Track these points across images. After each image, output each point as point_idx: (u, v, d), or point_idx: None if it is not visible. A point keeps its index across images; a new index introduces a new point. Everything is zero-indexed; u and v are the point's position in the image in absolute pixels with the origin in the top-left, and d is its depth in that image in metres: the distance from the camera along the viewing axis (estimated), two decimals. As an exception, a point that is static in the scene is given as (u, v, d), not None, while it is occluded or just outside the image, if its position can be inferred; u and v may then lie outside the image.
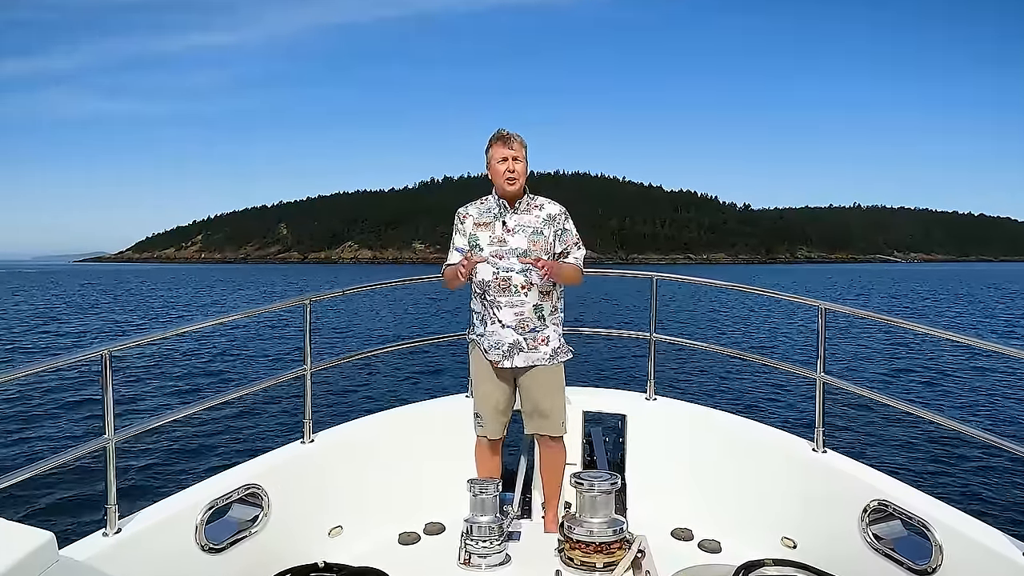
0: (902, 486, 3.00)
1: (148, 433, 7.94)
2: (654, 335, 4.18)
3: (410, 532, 3.59)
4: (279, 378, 3.66)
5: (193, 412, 3.24)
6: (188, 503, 2.84)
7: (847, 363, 16.01)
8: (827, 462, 3.30)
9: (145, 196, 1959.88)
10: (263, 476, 3.15)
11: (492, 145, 3.42)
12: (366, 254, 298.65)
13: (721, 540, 3.49)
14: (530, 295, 3.38)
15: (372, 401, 11.36)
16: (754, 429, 3.78)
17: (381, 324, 26.26)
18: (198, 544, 2.77)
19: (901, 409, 3.41)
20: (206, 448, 8.81)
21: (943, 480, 7.71)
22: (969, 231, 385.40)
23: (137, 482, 7.50)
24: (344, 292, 4.08)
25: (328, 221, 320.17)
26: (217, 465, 7.33)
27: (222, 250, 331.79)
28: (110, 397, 2.59)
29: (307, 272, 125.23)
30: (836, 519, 3.06)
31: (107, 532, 2.55)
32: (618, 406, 4.14)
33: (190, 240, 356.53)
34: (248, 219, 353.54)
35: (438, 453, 3.88)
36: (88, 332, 24.44)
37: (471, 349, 3.67)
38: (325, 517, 3.44)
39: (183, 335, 16.68)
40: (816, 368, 3.41)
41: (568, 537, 3.14)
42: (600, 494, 3.15)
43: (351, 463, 3.63)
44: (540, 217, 3.44)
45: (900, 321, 3.55)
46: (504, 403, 3.57)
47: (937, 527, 2.67)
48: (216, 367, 15.74)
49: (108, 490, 2.58)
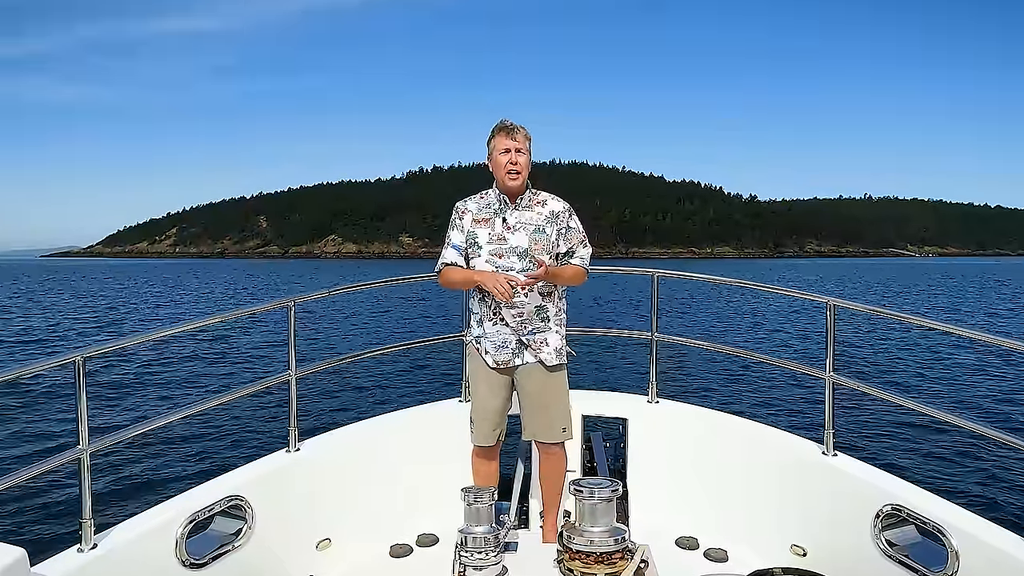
0: (916, 490, 3.03)
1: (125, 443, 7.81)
2: (656, 335, 4.20)
3: (402, 544, 3.60)
4: (263, 383, 3.67)
5: (172, 420, 3.24)
6: (167, 516, 2.84)
7: (858, 362, 16.08)
8: (838, 466, 3.32)
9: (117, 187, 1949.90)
10: (247, 487, 3.16)
11: (494, 136, 3.42)
12: (350, 248, 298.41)
13: (728, 548, 3.52)
14: (531, 296, 3.40)
15: (361, 407, 11.33)
16: (761, 432, 3.80)
17: (370, 325, 26.21)
18: (178, 559, 2.78)
19: (915, 410, 3.44)
20: (186, 458, 8.79)
21: (959, 484, 7.76)
22: (986, 224, 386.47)
23: (113, 495, 7.47)
24: (331, 292, 4.08)
25: (310, 213, 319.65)
26: (198, 476, 7.30)
27: (197, 244, 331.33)
28: (84, 405, 2.59)
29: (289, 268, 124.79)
30: (848, 525, 3.09)
31: (82, 548, 2.56)
32: (619, 409, 4.16)
33: (163, 233, 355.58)
34: (225, 211, 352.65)
35: (431, 461, 3.90)
36: (57, 334, 24.31)
37: (468, 351, 3.69)
38: (312, 530, 3.45)
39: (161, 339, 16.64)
40: (826, 367, 3.44)
41: (568, 547, 3.15)
42: (601, 502, 3.16)
43: (339, 472, 3.64)
44: (543, 214, 3.45)
45: (913, 318, 3.58)
46: (501, 407, 3.58)
47: (953, 533, 2.69)
48: (196, 373, 15.68)
49: (83, 503, 2.58)
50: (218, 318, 3.54)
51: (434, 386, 12.80)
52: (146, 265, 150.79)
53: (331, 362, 4.21)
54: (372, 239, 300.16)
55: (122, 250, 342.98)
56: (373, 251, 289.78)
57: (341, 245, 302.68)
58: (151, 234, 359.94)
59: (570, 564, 3.14)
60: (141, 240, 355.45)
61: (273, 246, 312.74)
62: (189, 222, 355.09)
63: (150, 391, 13.49)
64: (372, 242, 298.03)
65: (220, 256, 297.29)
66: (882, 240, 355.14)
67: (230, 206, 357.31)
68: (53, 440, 9.67)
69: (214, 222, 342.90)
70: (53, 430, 10.22)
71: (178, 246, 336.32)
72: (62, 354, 2.66)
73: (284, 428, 3.59)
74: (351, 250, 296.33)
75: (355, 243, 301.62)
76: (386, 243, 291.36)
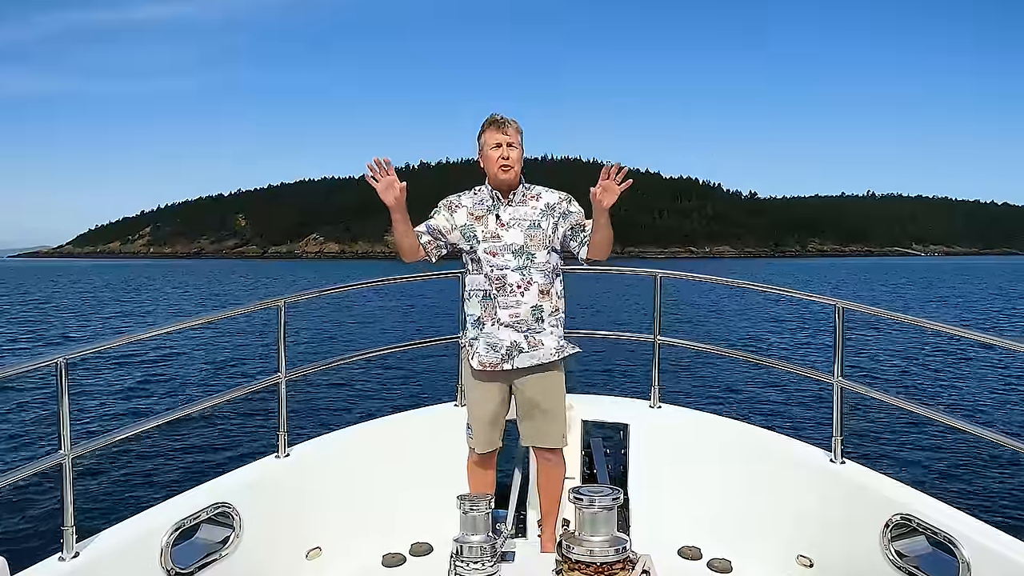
0: (927, 499, 3.06)
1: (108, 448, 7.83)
2: (658, 337, 4.22)
3: (395, 553, 3.62)
4: (251, 387, 3.69)
5: (157, 425, 3.26)
6: (152, 524, 2.85)
7: (867, 366, 16.17)
8: (846, 473, 3.35)
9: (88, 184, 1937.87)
10: (234, 494, 3.17)
11: (485, 130, 3.45)
12: (333, 248, 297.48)
13: (732, 559, 3.54)
14: (527, 295, 3.41)
15: (353, 411, 11.41)
16: (767, 438, 3.83)
17: (362, 327, 26.24)
18: (163, 569, 2.79)
19: (926, 416, 3.48)
20: (171, 464, 8.81)
21: (971, 492, 7.82)
22: (993, 222, 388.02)
23: (96, 501, 7.50)
24: (321, 292, 4.10)
25: (291, 211, 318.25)
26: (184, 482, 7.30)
27: (173, 244, 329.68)
28: (66, 409, 2.60)
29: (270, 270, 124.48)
30: (856, 535, 3.12)
31: (64, 556, 2.57)
32: (620, 415, 4.18)
33: (138, 233, 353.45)
34: (202, 209, 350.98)
35: (425, 467, 3.91)
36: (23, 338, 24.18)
37: (463, 354, 3.70)
38: (302, 538, 3.47)
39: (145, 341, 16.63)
40: (834, 372, 3.46)
41: (566, 557, 3.16)
42: (601, 510, 3.18)
43: (330, 479, 3.66)
44: (537, 208, 3.47)
45: (924, 321, 3.61)
46: (498, 412, 3.59)
47: (965, 543, 2.71)
48: (182, 375, 15.70)
49: (64, 510, 2.59)
50: (205, 319, 3.56)
51: (429, 390, 12.84)
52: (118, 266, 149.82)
53: (322, 364, 4.22)
54: (356, 238, 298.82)
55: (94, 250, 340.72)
56: (357, 251, 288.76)
57: (323, 244, 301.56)
58: (124, 233, 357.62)
59: (569, 575, 3.16)
60: (114, 240, 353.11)
61: (252, 245, 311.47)
62: (164, 221, 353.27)
63: (135, 394, 13.51)
64: (356, 241, 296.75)
65: (197, 256, 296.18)
66: (887, 238, 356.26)
67: (207, 204, 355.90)
68: (34, 444, 9.70)
69: (191, 220, 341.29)
70: (34, 434, 10.25)
71: (152, 246, 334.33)
72: (43, 356, 2.67)
73: (273, 433, 3.60)
74: (333, 249, 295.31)
75: (338, 242, 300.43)
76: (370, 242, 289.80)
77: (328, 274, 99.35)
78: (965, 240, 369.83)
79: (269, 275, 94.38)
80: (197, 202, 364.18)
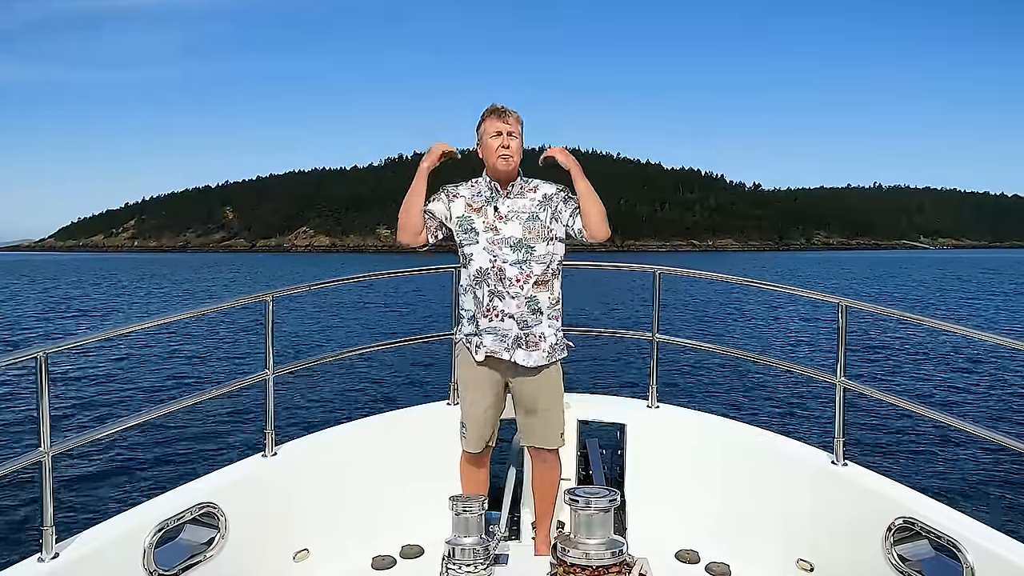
0: (930, 502, 3.08)
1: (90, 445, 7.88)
2: (657, 335, 4.22)
3: (384, 556, 3.63)
4: (238, 384, 3.68)
5: (141, 422, 3.26)
6: (135, 524, 2.86)
7: (870, 366, 16.22)
8: (848, 476, 3.37)
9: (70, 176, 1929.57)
10: (220, 493, 3.17)
11: (485, 119, 3.47)
12: (323, 241, 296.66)
13: (730, 563, 3.56)
14: (525, 288, 3.41)
15: (342, 409, 11.39)
16: (767, 439, 3.85)
17: (351, 322, 26.23)
18: (146, 570, 2.79)
19: (929, 418, 3.49)
20: (155, 462, 8.81)
21: (976, 496, 7.87)
22: (1004, 214, 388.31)
23: (77, 500, 7.51)
24: (310, 287, 4.10)
25: (280, 204, 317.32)
26: (168, 481, 7.34)
27: (158, 237, 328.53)
28: (46, 405, 2.60)
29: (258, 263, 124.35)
30: (858, 539, 3.14)
31: (43, 557, 2.57)
32: (617, 414, 4.19)
33: (121, 226, 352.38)
34: (188, 202, 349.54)
35: (417, 467, 3.92)
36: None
37: (457, 351, 3.71)
38: (289, 539, 3.48)
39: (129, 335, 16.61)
40: (836, 372, 3.48)
41: (561, 560, 3.17)
42: (597, 512, 3.19)
43: (319, 479, 3.66)
44: (535, 200, 3.48)
45: (929, 320, 3.62)
46: (493, 411, 3.60)
47: (969, 547, 2.73)
48: (166, 371, 15.67)
49: (44, 510, 2.59)
50: (190, 313, 3.56)
51: (421, 387, 12.86)
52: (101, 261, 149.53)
53: (311, 361, 4.23)
54: (347, 231, 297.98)
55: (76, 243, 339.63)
56: (348, 244, 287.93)
57: (313, 238, 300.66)
58: (108, 226, 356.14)
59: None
60: (97, 233, 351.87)
61: (240, 239, 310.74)
62: (149, 213, 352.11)
63: (117, 390, 13.50)
64: (347, 234, 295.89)
65: (183, 250, 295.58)
66: (894, 231, 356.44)
67: (194, 196, 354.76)
68: (13, 441, 9.67)
69: (176, 213, 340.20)
70: (12, 431, 10.22)
71: (137, 239, 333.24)
72: (23, 350, 2.67)
73: (260, 431, 3.61)
74: (324, 243, 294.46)
75: (328, 235, 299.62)
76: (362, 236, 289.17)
77: (318, 268, 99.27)
78: (974, 233, 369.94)
79: (257, 269, 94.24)
80: (183, 194, 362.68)
